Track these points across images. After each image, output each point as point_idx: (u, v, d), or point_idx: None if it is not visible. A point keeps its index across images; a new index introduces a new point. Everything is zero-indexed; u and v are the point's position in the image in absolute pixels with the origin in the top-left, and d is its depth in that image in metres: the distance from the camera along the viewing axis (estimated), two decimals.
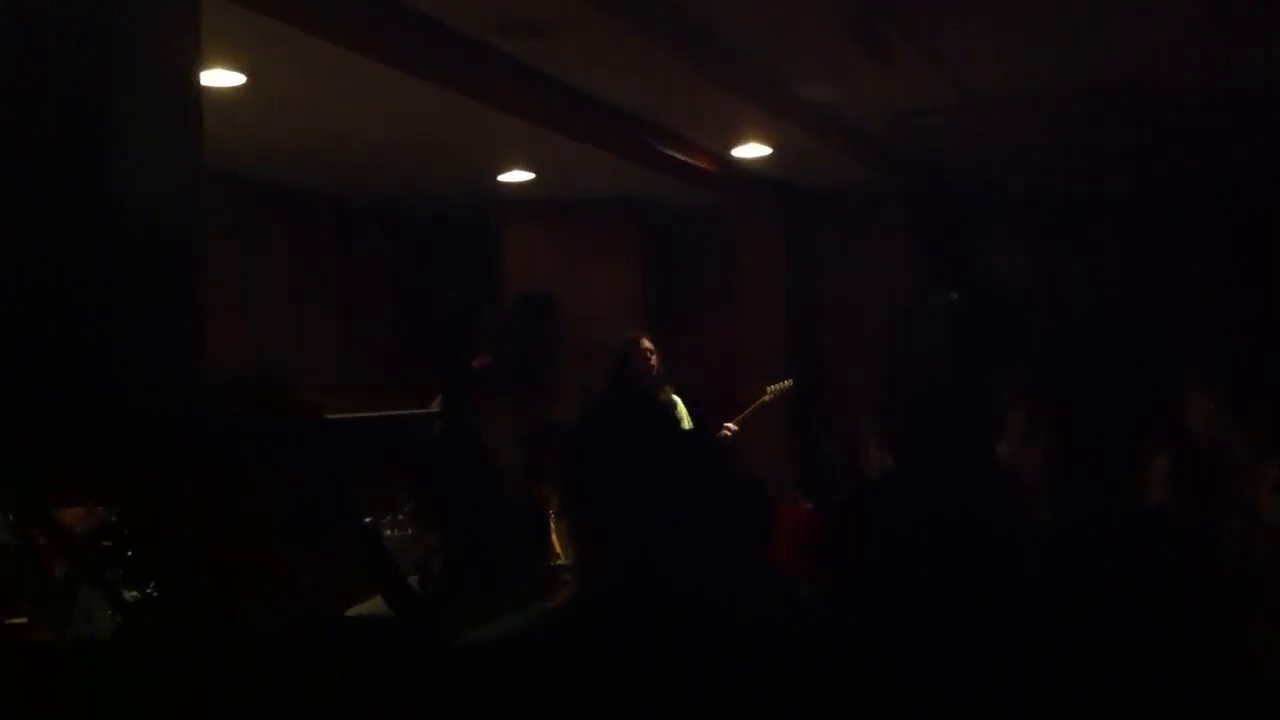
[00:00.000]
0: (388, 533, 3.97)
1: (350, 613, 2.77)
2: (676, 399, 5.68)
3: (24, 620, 2.36)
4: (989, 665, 1.93)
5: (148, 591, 1.96)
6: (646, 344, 5.48)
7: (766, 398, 6.15)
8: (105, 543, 2.32)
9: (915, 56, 4.86)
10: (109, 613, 2.25)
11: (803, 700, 1.91)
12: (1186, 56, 4.95)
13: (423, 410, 3.88)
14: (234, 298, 6.62)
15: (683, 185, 6.88)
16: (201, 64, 2.82)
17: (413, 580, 2.93)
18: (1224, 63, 5.05)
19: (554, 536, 4.40)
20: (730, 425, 5.92)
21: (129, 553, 2.23)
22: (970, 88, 5.32)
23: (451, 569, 2.90)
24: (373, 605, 2.87)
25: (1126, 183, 7.38)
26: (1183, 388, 3.36)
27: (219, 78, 4.78)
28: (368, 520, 3.13)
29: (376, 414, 4.39)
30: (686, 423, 5.53)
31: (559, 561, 4.30)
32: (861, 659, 2.04)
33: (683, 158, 6.38)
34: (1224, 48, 4.85)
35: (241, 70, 4.76)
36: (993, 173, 7.31)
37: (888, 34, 4.61)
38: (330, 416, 2.20)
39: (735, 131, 6.12)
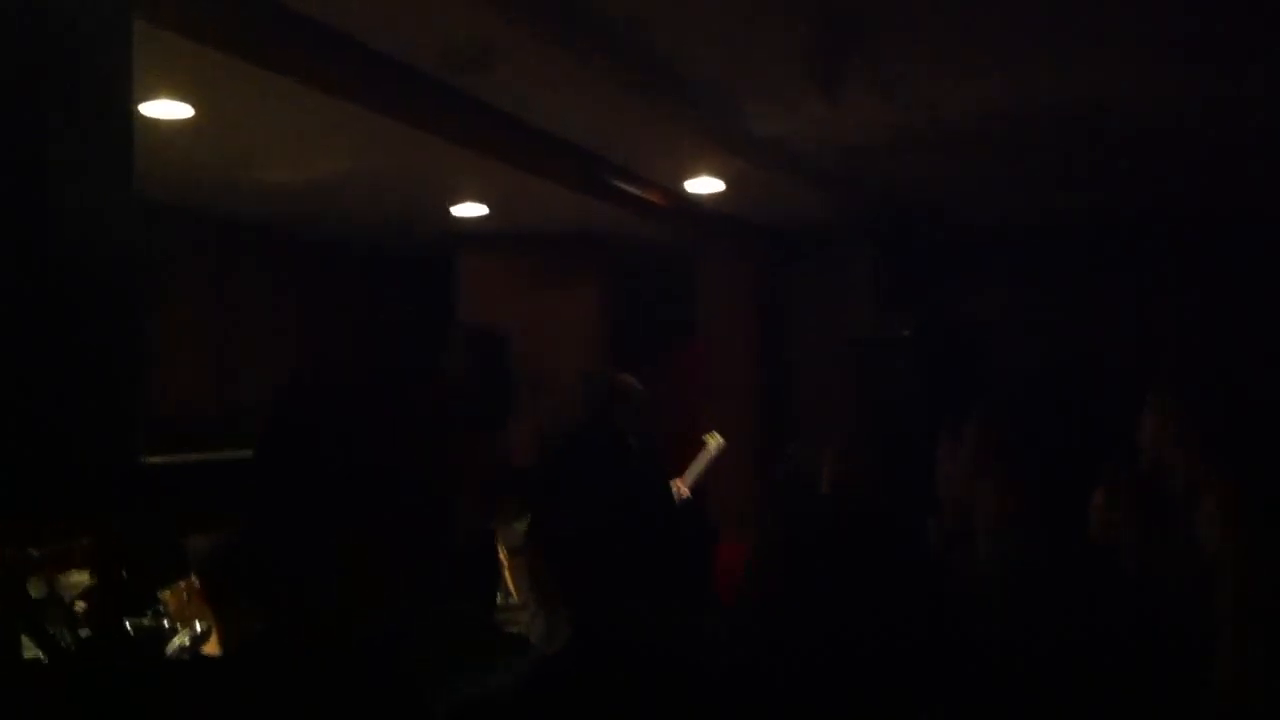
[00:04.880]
0: None
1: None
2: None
3: None
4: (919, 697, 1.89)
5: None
6: (630, 382, 5.29)
7: (711, 452, 5.91)
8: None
9: (869, 88, 4.87)
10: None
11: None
12: (1148, 85, 4.99)
13: None
14: (182, 332, 6.54)
15: (638, 220, 6.87)
16: (136, 94, 2.77)
17: None
18: (1184, 92, 5.10)
19: (507, 574, 4.34)
20: (683, 489, 5.72)
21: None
22: (925, 118, 5.34)
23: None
24: None
25: (1086, 213, 7.44)
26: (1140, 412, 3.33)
27: (165, 109, 4.74)
28: None
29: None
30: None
31: (512, 600, 4.24)
32: (797, 685, 1.99)
33: (635, 191, 6.37)
34: (1186, 77, 4.89)
35: (188, 101, 4.72)
36: (951, 205, 7.34)
37: (840, 66, 4.62)
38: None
39: (688, 165, 6.12)
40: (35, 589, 2.76)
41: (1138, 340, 7.42)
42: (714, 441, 5.88)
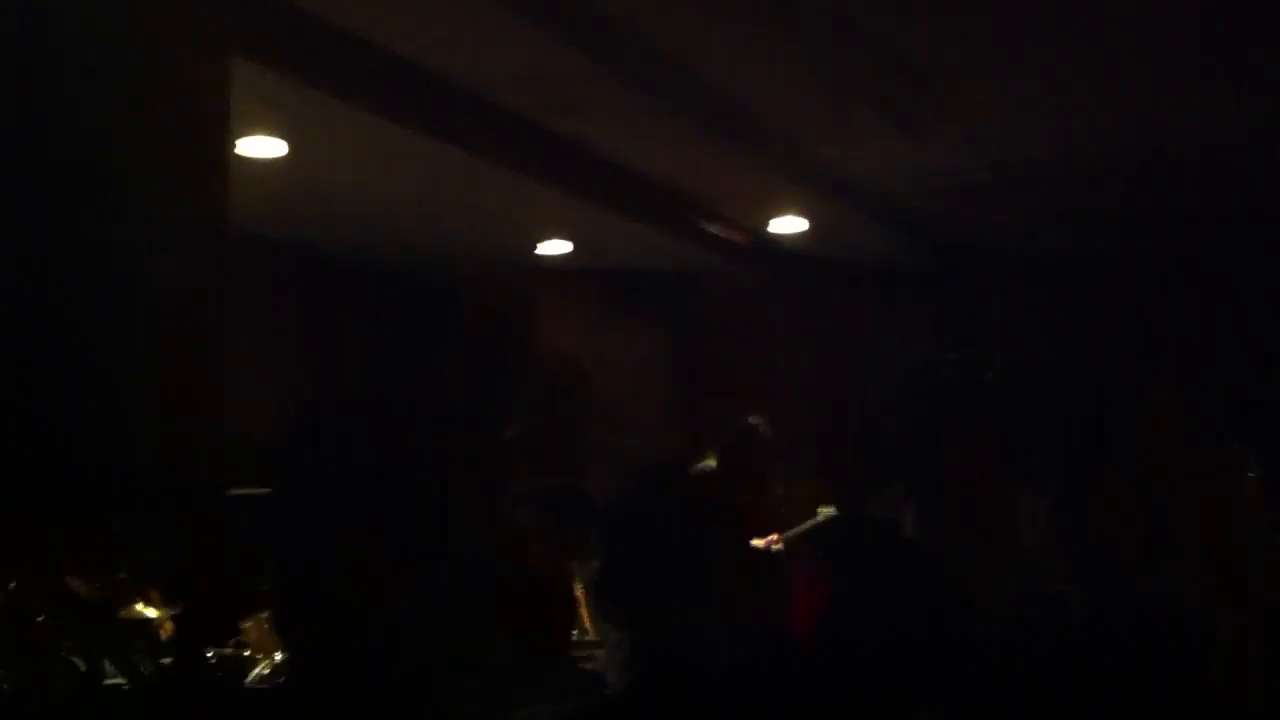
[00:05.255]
0: None
1: None
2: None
3: None
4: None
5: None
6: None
7: (820, 521, 5.89)
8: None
9: (947, 130, 4.86)
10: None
11: None
12: (1219, 138, 4.93)
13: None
14: (263, 365, 6.64)
15: (719, 259, 6.87)
16: (233, 131, 2.84)
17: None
18: (1248, 145, 5.04)
19: (582, 611, 4.32)
20: (777, 543, 5.70)
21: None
22: (1002, 161, 5.31)
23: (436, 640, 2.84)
24: None
25: (1150, 258, 7.35)
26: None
27: (260, 145, 4.84)
28: None
29: None
30: None
31: (588, 638, 4.22)
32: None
33: (719, 232, 6.38)
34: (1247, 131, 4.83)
35: (283, 137, 4.81)
36: (1021, 246, 7.29)
37: (919, 107, 4.61)
38: None
39: (773, 203, 6.11)
40: (122, 614, 2.81)
41: (1199, 381, 7.27)
42: (825, 513, 5.94)
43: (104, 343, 2.55)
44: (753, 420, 5.22)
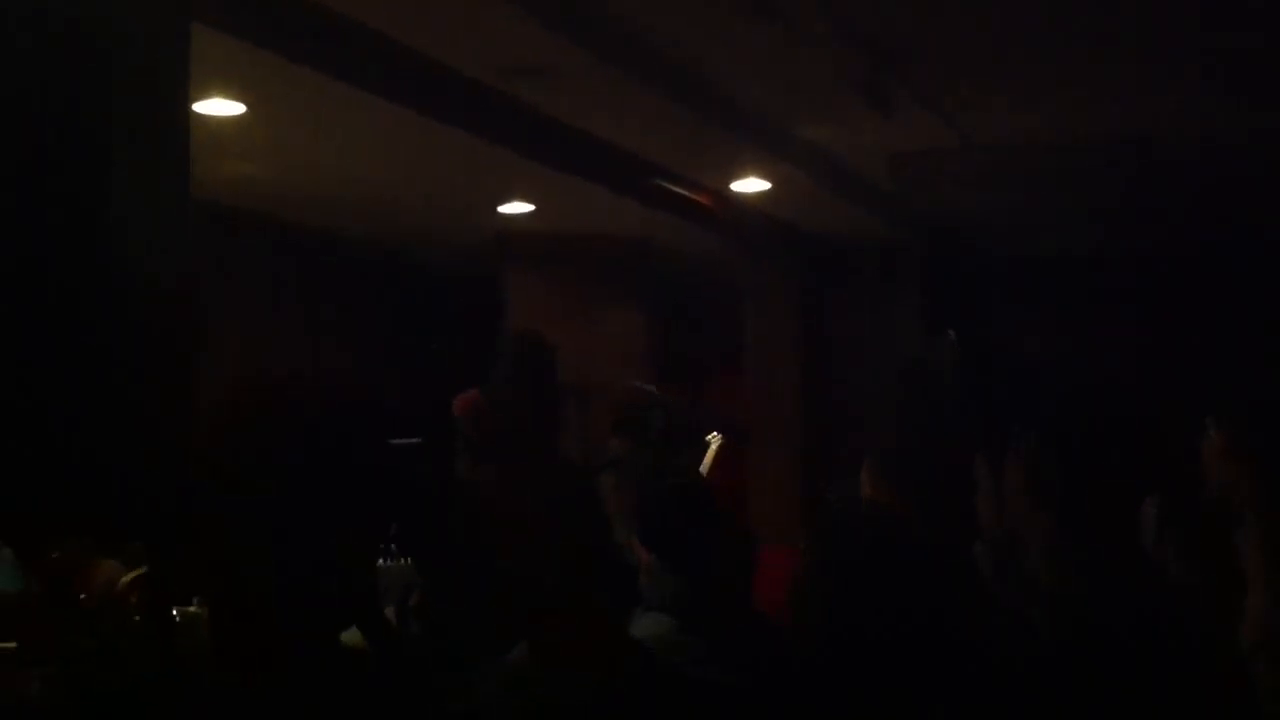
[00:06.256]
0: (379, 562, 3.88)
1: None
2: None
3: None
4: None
5: None
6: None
7: (714, 449, 6.05)
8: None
9: (913, 106, 4.87)
10: None
11: None
12: (1195, 117, 4.98)
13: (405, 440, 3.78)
14: (224, 333, 6.58)
15: (685, 224, 6.86)
16: (192, 96, 2.80)
17: (389, 612, 2.86)
18: (1229, 126, 5.08)
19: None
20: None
21: None
22: (971, 136, 5.33)
23: (433, 606, 2.84)
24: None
25: (1126, 239, 7.39)
26: (1195, 434, 3.30)
27: (218, 106, 4.78)
28: None
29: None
30: None
31: None
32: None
33: (680, 191, 6.37)
34: (1230, 111, 4.87)
35: (241, 100, 4.76)
36: (998, 229, 7.32)
37: (888, 82, 4.61)
38: None
39: (734, 166, 6.11)
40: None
41: (1180, 366, 7.35)
42: (715, 441, 6.08)
43: (75, 321, 2.52)
44: (639, 385, 5.15)
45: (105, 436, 2.50)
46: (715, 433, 6.14)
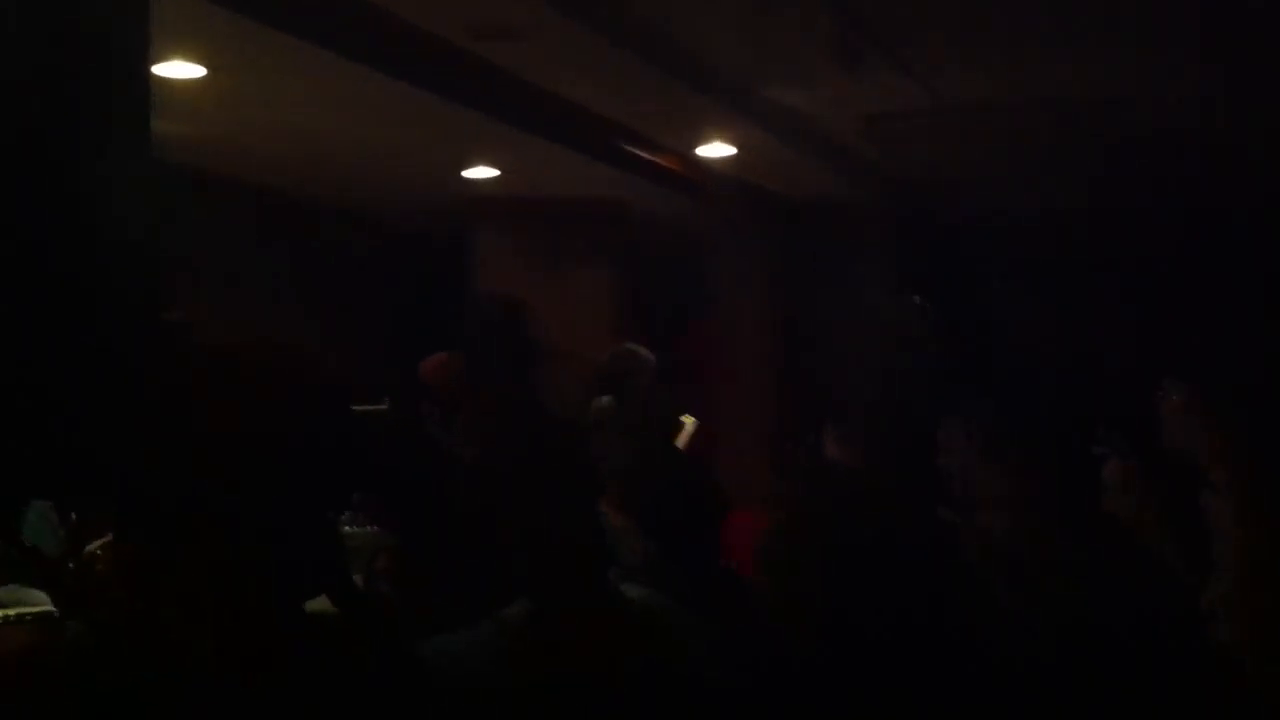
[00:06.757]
0: (346, 528, 3.87)
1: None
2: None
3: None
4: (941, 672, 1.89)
5: None
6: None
7: (688, 432, 5.91)
8: None
9: (878, 66, 4.86)
10: None
11: None
12: (1155, 82, 4.99)
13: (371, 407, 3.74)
14: (190, 295, 6.51)
15: (650, 187, 6.84)
16: (153, 56, 2.75)
17: (357, 578, 2.86)
18: (1191, 89, 5.10)
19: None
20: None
21: None
22: (940, 95, 5.32)
23: (401, 570, 2.84)
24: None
25: (1094, 198, 7.41)
26: (1156, 393, 3.32)
27: (178, 69, 4.71)
28: None
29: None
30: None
31: None
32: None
33: (644, 154, 6.34)
34: (1199, 73, 4.89)
35: (201, 63, 4.69)
36: (965, 191, 7.33)
37: (855, 40, 4.59)
38: None
39: (698, 130, 6.08)
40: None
41: (1142, 327, 7.40)
42: (690, 422, 6.01)
43: (39, 289, 2.47)
44: (630, 348, 5.15)
45: (70, 403, 2.46)
46: (689, 415, 6.05)
